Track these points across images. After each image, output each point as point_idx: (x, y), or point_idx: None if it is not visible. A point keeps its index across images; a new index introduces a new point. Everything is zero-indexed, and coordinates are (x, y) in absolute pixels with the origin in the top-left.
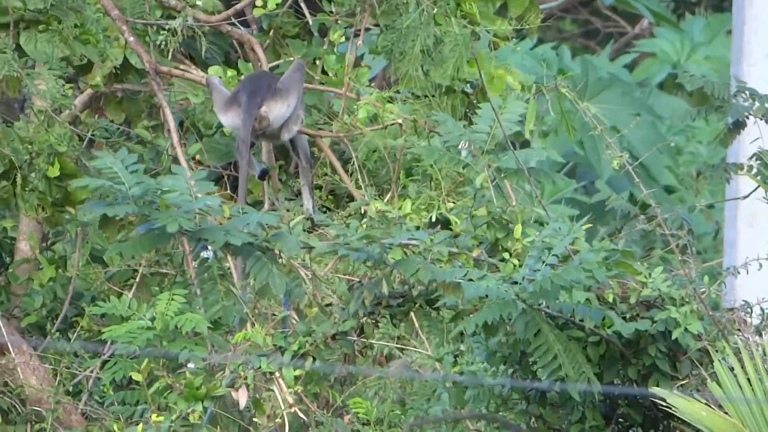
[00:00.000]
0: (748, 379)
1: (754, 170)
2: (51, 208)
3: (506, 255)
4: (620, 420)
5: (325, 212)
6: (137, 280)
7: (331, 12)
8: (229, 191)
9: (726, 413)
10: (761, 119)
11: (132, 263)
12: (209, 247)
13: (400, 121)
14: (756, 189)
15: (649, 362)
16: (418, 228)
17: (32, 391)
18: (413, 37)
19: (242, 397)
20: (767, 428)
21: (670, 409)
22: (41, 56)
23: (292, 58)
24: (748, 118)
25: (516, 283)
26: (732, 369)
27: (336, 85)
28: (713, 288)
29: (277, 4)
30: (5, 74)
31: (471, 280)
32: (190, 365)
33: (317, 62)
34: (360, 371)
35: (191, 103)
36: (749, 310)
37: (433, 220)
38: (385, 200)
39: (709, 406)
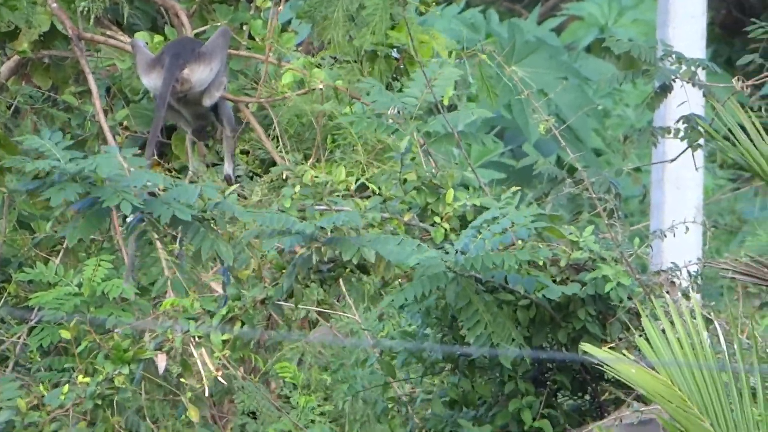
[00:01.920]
0: (678, 339)
1: (681, 133)
2: None
3: (437, 219)
4: (548, 383)
5: (252, 178)
6: (64, 246)
7: None
8: (156, 158)
9: (656, 371)
10: (688, 82)
11: (59, 230)
12: (137, 215)
13: (321, 86)
14: (683, 152)
15: (578, 325)
16: (347, 194)
17: None
18: (336, 1)
19: (161, 361)
20: (696, 385)
21: (601, 367)
22: None
23: (218, 24)
24: (674, 81)
25: (447, 252)
26: (663, 330)
27: (262, 51)
28: (640, 251)
29: None
30: None
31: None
32: (117, 330)
33: (244, 27)
34: (284, 336)
35: (118, 69)
36: (676, 272)
37: (357, 185)
38: (308, 163)
39: (640, 365)
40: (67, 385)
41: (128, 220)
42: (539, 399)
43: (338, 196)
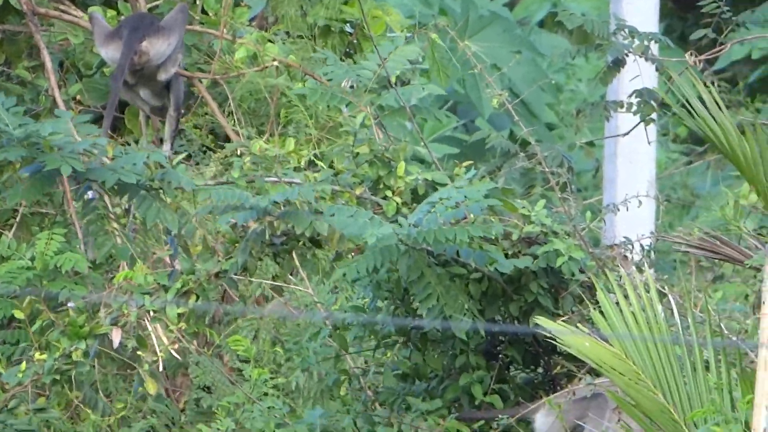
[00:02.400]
0: (632, 312)
1: (634, 108)
2: None
3: (389, 193)
4: (500, 357)
5: (204, 152)
6: (17, 219)
7: None
8: (109, 131)
9: (609, 344)
10: (641, 57)
11: (11, 203)
12: (93, 188)
13: (275, 63)
14: (635, 126)
15: (531, 298)
16: (299, 168)
17: None
18: None
19: (116, 336)
20: (649, 358)
21: (554, 341)
22: None
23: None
24: (627, 55)
25: (400, 226)
26: (617, 304)
27: (215, 26)
28: (593, 225)
29: None
30: None
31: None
32: (71, 304)
33: (197, 2)
34: (238, 310)
35: (71, 44)
36: (629, 246)
37: (310, 161)
38: (263, 139)
39: (593, 338)
40: (24, 362)
41: (88, 195)
42: (490, 374)
43: (289, 168)
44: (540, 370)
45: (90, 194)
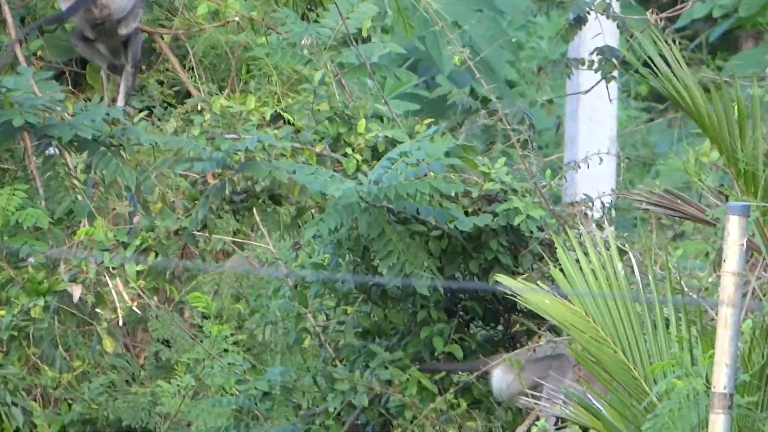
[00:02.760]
0: (592, 270)
1: (595, 65)
2: None
3: (349, 150)
4: (462, 314)
5: (166, 108)
6: None
7: None
8: (70, 87)
9: (569, 302)
10: (602, 14)
11: None
12: (53, 144)
13: (237, 18)
14: (597, 84)
15: (490, 256)
16: (260, 125)
17: None
18: None
19: (76, 292)
20: (609, 316)
21: (514, 298)
22: None
23: None
24: (589, 13)
25: (361, 183)
26: (577, 261)
27: None
28: (554, 182)
29: None
30: None
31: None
32: (31, 260)
33: None
34: (198, 266)
35: None
36: (590, 203)
37: (272, 115)
38: (223, 94)
39: (553, 295)
40: None
41: (49, 151)
42: (450, 325)
43: (251, 125)
44: (500, 327)
45: (51, 150)
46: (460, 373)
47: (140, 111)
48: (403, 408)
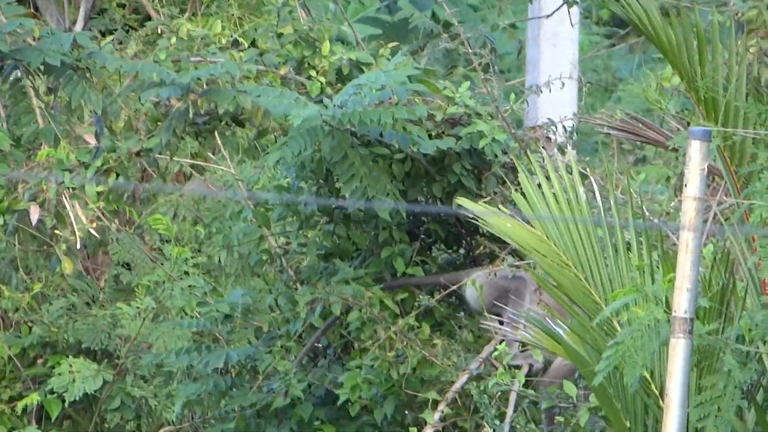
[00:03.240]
0: (554, 194)
1: None
2: None
3: (313, 73)
4: (424, 237)
5: (127, 31)
6: None
7: None
8: (32, 10)
9: (531, 226)
10: None
11: None
12: (19, 68)
13: None
14: (558, 8)
15: (454, 179)
16: (224, 47)
17: None
18: None
19: (34, 213)
20: (571, 240)
21: (476, 221)
22: None
23: None
24: None
25: (326, 107)
26: (539, 185)
27: None
28: (516, 106)
29: None
30: None
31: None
32: None
33: None
34: (158, 188)
35: None
36: (552, 128)
37: (234, 41)
38: (184, 17)
39: (515, 219)
40: None
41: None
42: (413, 247)
43: (216, 48)
44: (462, 250)
45: (18, 73)
46: (422, 291)
47: (102, 34)
48: (362, 328)
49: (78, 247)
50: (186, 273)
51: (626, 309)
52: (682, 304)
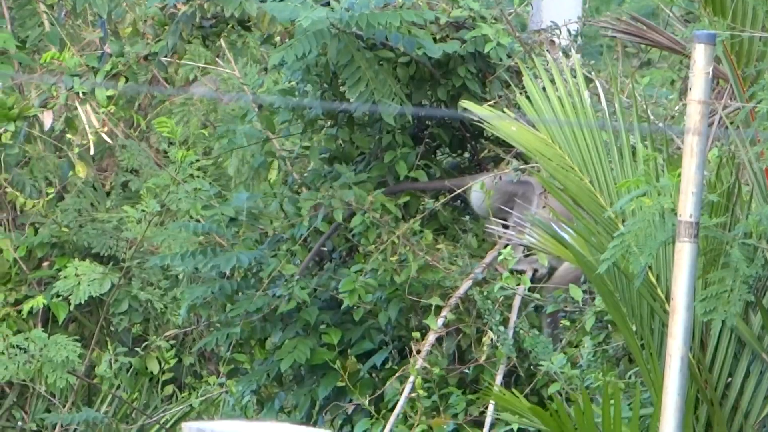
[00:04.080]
0: (559, 97)
1: None
2: None
3: None
4: (428, 141)
5: None
6: None
7: None
8: None
9: (536, 129)
10: None
11: None
12: None
13: None
14: None
15: (458, 83)
16: None
17: None
18: None
19: (47, 118)
20: (576, 143)
21: (481, 125)
22: None
23: None
24: None
25: (333, 10)
26: (543, 89)
27: None
28: (520, 9)
29: None
30: None
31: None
32: None
33: None
34: (167, 91)
35: None
36: (556, 31)
37: None
38: None
39: (520, 122)
40: None
41: None
42: (417, 150)
43: None
44: (467, 154)
45: None
46: (427, 195)
47: None
48: (366, 232)
49: (91, 152)
50: (191, 176)
51: (634, 202)
52: (687, 207)
